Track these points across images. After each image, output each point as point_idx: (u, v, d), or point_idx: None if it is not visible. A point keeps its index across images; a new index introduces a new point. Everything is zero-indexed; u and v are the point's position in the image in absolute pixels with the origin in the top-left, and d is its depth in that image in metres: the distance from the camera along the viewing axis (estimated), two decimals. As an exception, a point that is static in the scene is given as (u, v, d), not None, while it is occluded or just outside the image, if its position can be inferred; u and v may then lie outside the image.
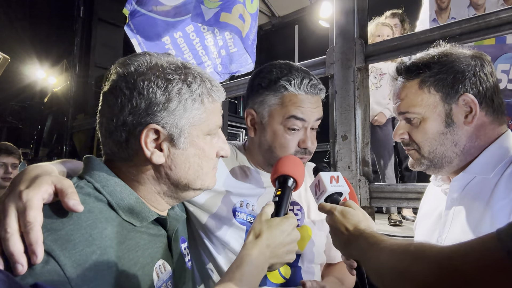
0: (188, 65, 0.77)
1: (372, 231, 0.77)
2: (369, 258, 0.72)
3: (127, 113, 0.70)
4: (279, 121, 1.01)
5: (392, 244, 0.68)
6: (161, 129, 0.71)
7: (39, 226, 0.57)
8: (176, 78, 0.72)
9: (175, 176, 0.75)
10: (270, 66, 1.08)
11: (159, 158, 0.72)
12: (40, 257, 0.55)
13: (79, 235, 0.61)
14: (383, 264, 0.67)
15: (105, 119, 0.73)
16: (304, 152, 1.04)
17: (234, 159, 1.13)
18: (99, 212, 0.67)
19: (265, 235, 0.77)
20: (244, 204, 1.06)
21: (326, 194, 0.90)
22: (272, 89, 1.02)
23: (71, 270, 0.57)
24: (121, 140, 0.72)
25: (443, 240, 0.90)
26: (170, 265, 0.79)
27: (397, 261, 0.63)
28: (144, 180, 0.75)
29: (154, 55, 0.75)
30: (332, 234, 0.87)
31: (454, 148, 0.88)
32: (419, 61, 0.91)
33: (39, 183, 0.63)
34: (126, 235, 0.70)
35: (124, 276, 0.65)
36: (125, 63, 0.74)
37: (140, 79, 0.70)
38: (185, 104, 0.72)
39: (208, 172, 0.80)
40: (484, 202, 0.82)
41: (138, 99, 0.69)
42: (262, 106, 1.04)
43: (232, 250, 1.02)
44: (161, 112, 0.70)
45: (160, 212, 0.80)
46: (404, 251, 0.63)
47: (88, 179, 0.71)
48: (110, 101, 0.73)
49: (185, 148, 0.74)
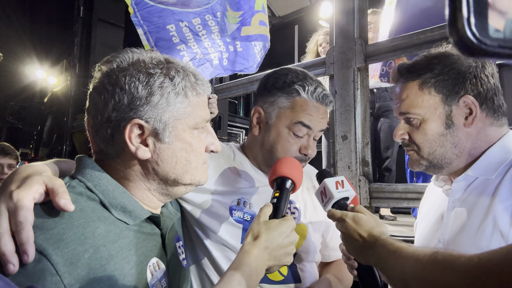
0: (172, 59, 0.77)
1: (387, 237, 0.77)
2: (392, 266, 0.71)
3: (111, 109, 0.70)
4: (285, 124, 1.03)
5: (416, 253, 0.67)
6: (144, 123, 0.70)
7: (30, 226, 0.57)
8: (158, 72, 0.72)
9: (163, 171, 0.75)
10: (286, 69, 1.10)
11: (145, 153, 0.72)
12: (31, 257, 0.55)
13: (71, 234, 0.61)
14: (409, 273, 0.66)
15: (91, 117, 0.74)
16: (304, 159, 1.06)
17: (232, 159, 1.14)
18: (92, 211, 0.67)
19: (264, 237, 0.77)
20: (241, 203, 1.06)
21: (333, 201, 0.89)
22: (285, 91, 1.04)
23: (63, 268, 0.57)
24: (107, 136, 0.72)
25: (445, 241, 0.90)
26: (164, 263, 0.79)
27: (425, 270, 0.62)
28: (133, 177, 0.75)
29: (136, 52, 0.75)
30: (345, 241, 0.86)
31: (454, 150, 0.88)
32: (420, 62, 0.91)
33: (30, 183, 0.63)
34: (119, 234, 0.70)
35: (117, 275, 0.65)
36: (108, 60, 0.75)
37: (122, 75, 0.71)
38: (168, 98, 0.72)
39: (197, 166, 0.79)
40: (487, 204, 0.82)
41: (121, 94, 0.70)
42: (272, 107, 1.05)
43: (229, 248, 1.02)
44: (143, 107, 0.70)
45: (153, 210, 0.80)
46: (432, 261, 0.62)
47: (80, 179, 0.71)
48: (94, 98, 0.73)
49: (171, 142, 0.74)
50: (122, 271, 0.67)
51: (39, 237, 0.58)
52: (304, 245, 1.09)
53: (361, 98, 1.94)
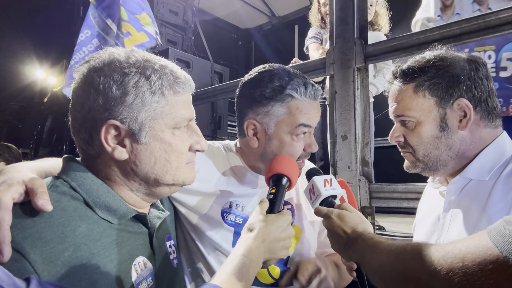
0: (151, 58, 0.75)
1: (370, 233, 0.79)
2: (369, 259, 0.73)
3: (87, 110, 0.70)
4: (286, 131, 1.00)
5: (390, 245, 0.69)
6: (120, 124, 0.70)
7: (6, 226, 0.57)
8: (133, 71, 0.71)
9: (141, 171, 0.74)
10: (268, 73, 1.03)
11: (121, 154, 0.72)
12: (7, 256, 0.55)
13: (50, 233, 0.61)
14: (383, 265, 0.68)
15: (72, 119, 0.74)
16: (308, 155, 1.06)
17: (226, 160, 1.12)
18: (73, 210, 0.67)
19: (261, 230, 0.78)
20: (233, 205, 1.06)
21: (321, 198, 0.91)
22: (278, 99, 0.99)
23: (41, 267, 0.57)
24: (86, 137, 0.72)
25: (441, 242, 0.90)
26: (151, 262, 0.79)
27: (396, 261, 0.64)
28: (114, 177, 0.75)
29: (115, 52, 0.74)
30: (330, 238, 0.88)
31: (448, 152, 0.89)
32: (415, 65, 0.92)
33: (9, 183, 0.64)
34: (102, 233, 0.70)
35: (99, 273, 0.65)
36: (86, 61, 0.75)
37: (96, 75, 0.70)
38: (143, 97, 0.70)
39: (179, 167, 0.77)
40: (481, 205, 0.83)
41: (95, 95, 0.69)
42: (268, 117, 1.01)
43: (222, 252, 1.02)
44: (118, 107, 0.69)
45: (139, 209, 0.80)
46: (402, 251, 0.64)
47: (64, 178, 0.72)
48: (73, 100, 0.74)
49: (148, 143, 0.72)
50: (104, 270, 0.67)
51: (17, 236, 0.58)
52: (297, 247, 1.09)
53: (361, 98, 1.94)
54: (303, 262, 0.98)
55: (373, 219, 1.81)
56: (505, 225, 0.50)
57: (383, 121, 2.97)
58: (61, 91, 2.83)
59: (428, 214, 1.04)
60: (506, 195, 0.79)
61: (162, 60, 0.77)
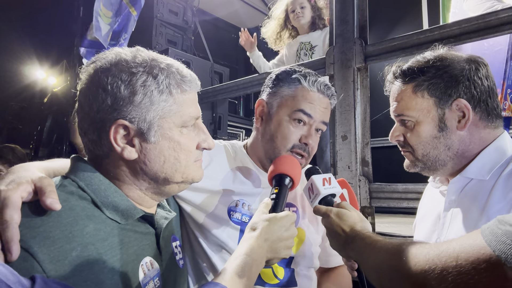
0: (157, 57, 0.76)
1: (368, 232, 0.79)
2: (367, 258, 0.74)
3: (96, 110, 0.70)
4: (286, 113, 1.04)
5: (387, 244, 0.69)
6: (129, 124, 0.70)
7: (15, 225, 0.57)
8: (141, 70, 0.71)
9: (151, 170, 0.74)
10: (291, 66, 1.13)
11: (131, 153, 0.72)
12: (15, 255, 0.55)
13: (58, 232, 0.61)
14: (380, 263, 0.69)
15: (79, 119, 0.75)
16: (304, 149, 1.03)
17: (232, 159, 1.13)
18: (81, 210, 0.68)
19: (264, 229, 0.79)
20: (240, 204, 1.06)
21: (320, 197, 0.92)
22: (287, 81, 1.06)
23: (49, 266, 0.58)
24: (94, 138, 0.72)
25: (441, 241, 0.90)
26: (158, 263, 0.79)
27: (392, 260, 0.65)
28: (123, 177, 0.75)
29: (121, 52, 0.74)
30: (329, 236, 0.88)
31: (447, 152, 0.89)
32: (414, 66, 0.92)
33: (18, 182, 0.64)
34: (109, 232, 0.70)
35: (106, 273, 0.66)
36: (92, 62, 0.75)
37: (104, 76, 0.70)
38: (151, 97, 0.71)
39: (188, 165, 0.78)
40: (481, 205, 0.83)
41: (104, 95, 0.69)
42: (274, 97, 1.07)
43: (227, 250, 1.02)
44: (127, 107, 0.69)
45: (147, 209, 0.80)
46: (398, 250, 0.65)
47: (72, 178, 0.72)
48: (81, 101, 0.74)
49: (157, 142, 0.73)
50: (111, 269, 0.67)
51: (26, 235, 0.58)
52: (301, 249, 1.08)
53: (361, 98, 1.94)
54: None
55: (373, 219, 1.81)
56: (498, 224, 0.50)
57: (383, 121, 2.97)
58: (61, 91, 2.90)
59: (428, 213, 1.04)
60: (506, 195, 0.79)
61: (168, 59, 0.77)
